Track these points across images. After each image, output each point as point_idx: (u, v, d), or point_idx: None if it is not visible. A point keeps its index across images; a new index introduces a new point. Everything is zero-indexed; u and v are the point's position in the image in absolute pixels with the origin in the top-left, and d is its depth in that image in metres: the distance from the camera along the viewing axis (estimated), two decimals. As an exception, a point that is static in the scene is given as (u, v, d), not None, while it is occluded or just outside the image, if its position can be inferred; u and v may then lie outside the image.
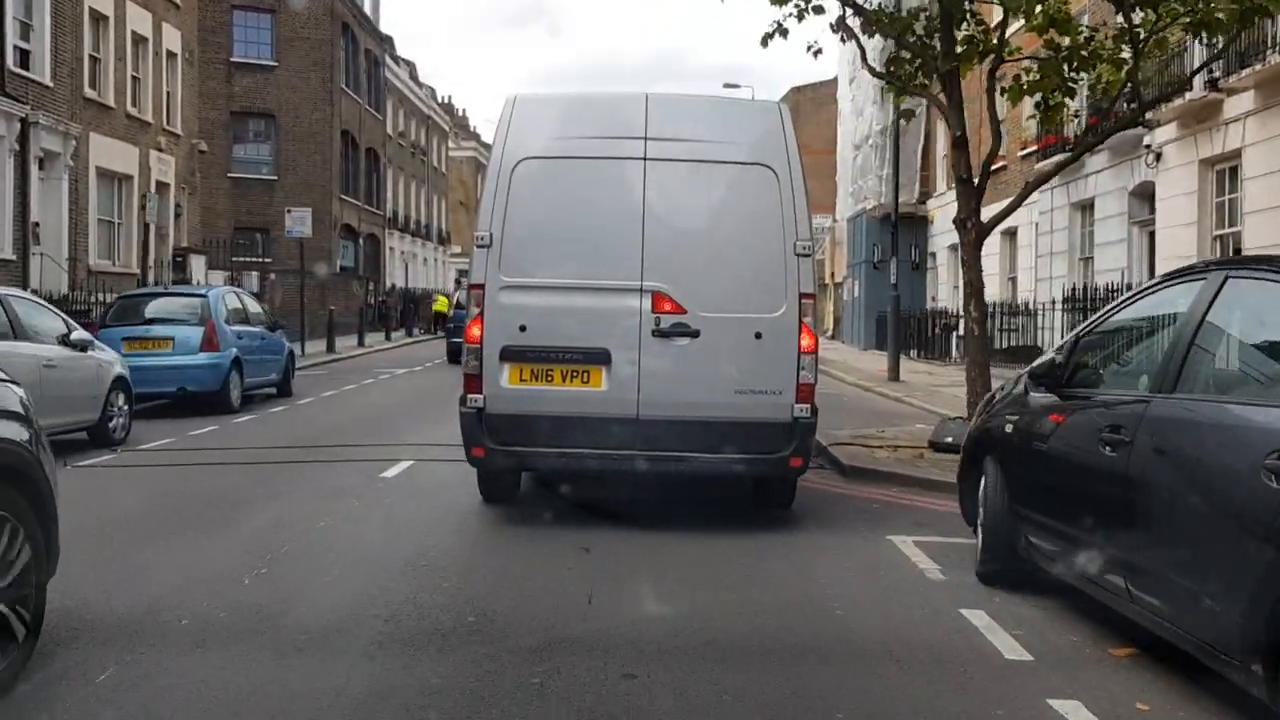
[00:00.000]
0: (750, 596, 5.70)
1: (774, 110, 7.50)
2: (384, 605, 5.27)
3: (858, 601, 5.64)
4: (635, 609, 5.48)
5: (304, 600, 5.45)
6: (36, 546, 4.30)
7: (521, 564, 6.38)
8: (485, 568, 6.34)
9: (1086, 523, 4.82)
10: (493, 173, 7.23)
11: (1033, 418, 5.57)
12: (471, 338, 7.11)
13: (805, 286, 7.09)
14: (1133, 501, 4.43)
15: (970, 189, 10.42)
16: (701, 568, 6.33)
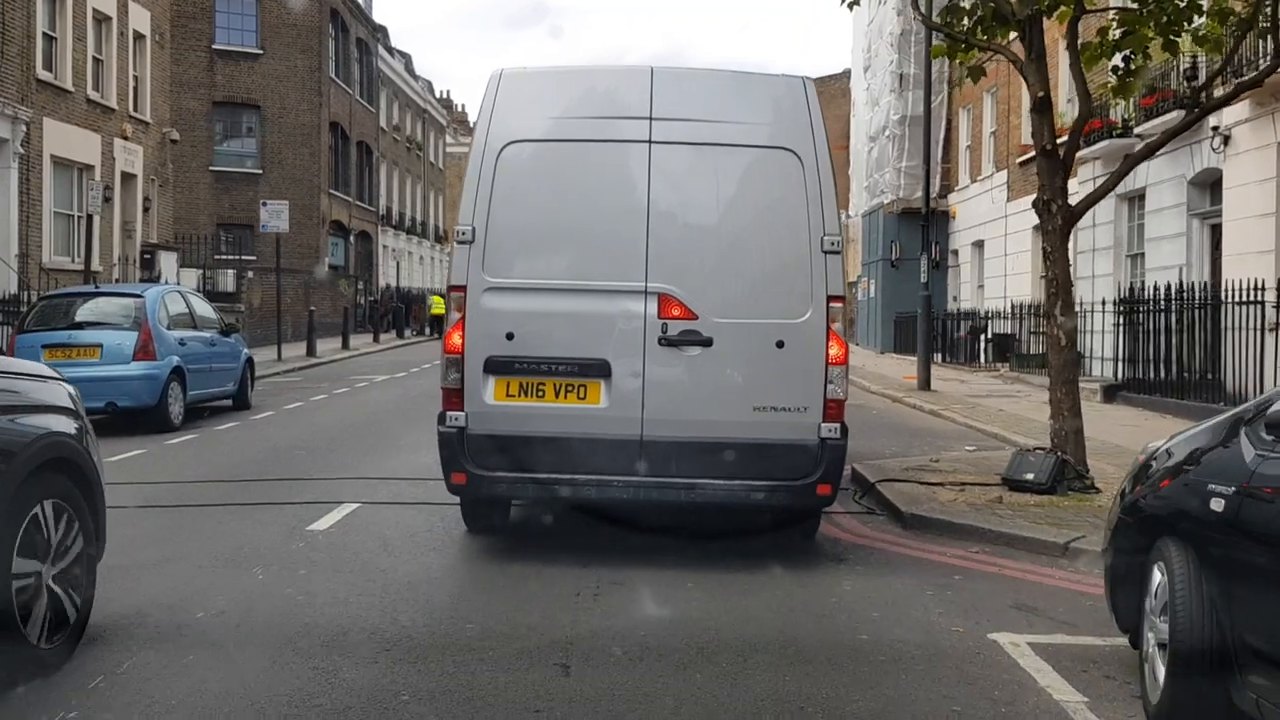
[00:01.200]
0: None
1: (797, 86, 6.44)
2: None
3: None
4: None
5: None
6: (87, 532, 4.73)
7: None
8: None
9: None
10: (475, 157, 6.42)
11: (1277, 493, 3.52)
12: (451, 347, 6.32)
13: (834, 288, 6.28)
14: None
15: (1055, 163, 8.37)
16: (729, 684, 4.29)
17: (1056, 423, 8.45)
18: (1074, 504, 7.95)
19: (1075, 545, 6.70)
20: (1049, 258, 8.42)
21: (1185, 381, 15.58)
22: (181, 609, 5.28)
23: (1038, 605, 5.67)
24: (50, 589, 4.41)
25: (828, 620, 5.37)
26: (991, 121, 29.56)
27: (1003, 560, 6.63)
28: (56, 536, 4.49)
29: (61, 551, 4.52)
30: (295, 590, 5.68)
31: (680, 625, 5.20)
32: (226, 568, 6.15)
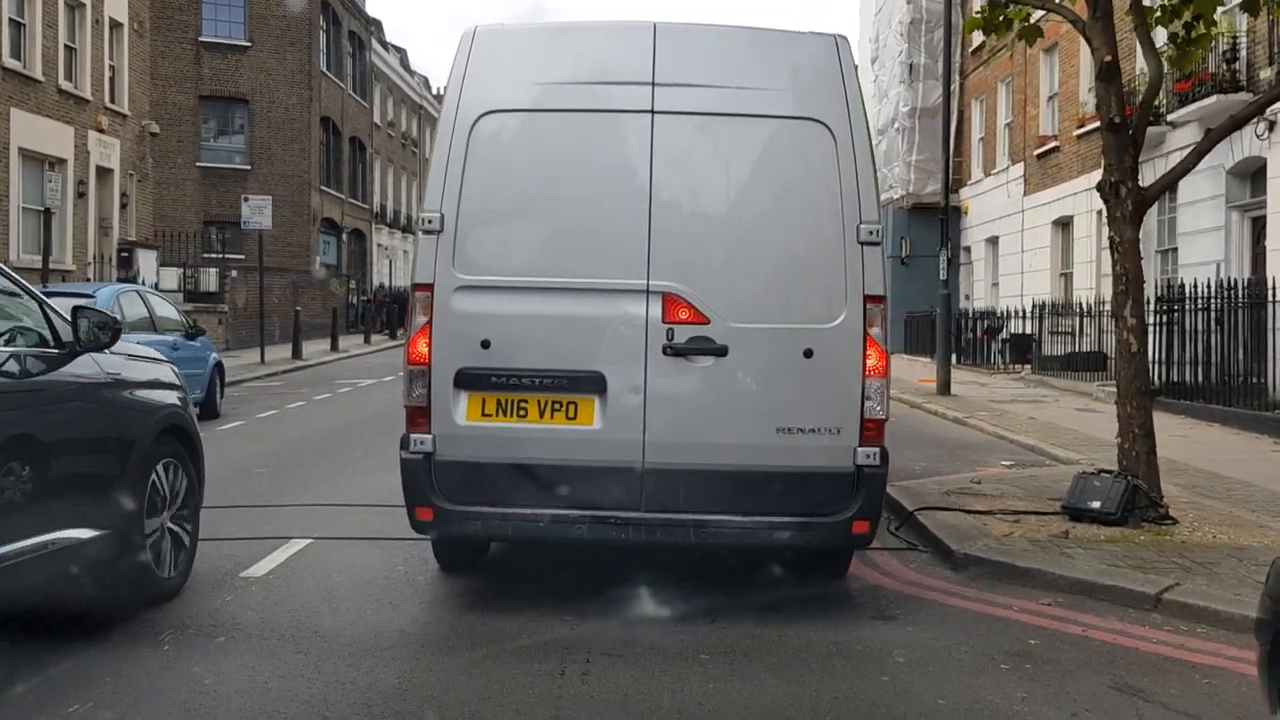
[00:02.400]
0: None
1: (829, 45, 5.50)
2: None
3: None
4: None
5: None
6: (192, 481, 5.87)
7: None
8: None
9: None
10: (444, 131, 5.42)
11: None
12: (416, 357, 5.31)
13: (872, 286, 5.30)
14: None
15: (1124, 138, 7.17)
16: None
17: (1126, 442, 7.26)
18: (1151, 538, 6.76)
19: (1169, 597, 5.51)
20: (1117, 249, 7.22)
21: (1229, 386, 14.38)
22: (39, 710, 4.08)
23: (1143, 686, 4.49)
24: (170, 529, 5.59)
25: (882, 713, 4.17)
26: (1007, 112, 28.36)
27: (1083, 616, 5.43)
28: (169, 487, 5.59)
29: (174, 498, 5.64)
30: (204, 669, 4.48)
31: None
32: (129, 635, 4.95)
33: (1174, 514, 7.25)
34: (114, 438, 5.17)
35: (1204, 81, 16.66)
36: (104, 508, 4.98)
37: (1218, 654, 4.92)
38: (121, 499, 5.10)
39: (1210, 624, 5.27)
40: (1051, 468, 10.29)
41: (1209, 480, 9.25)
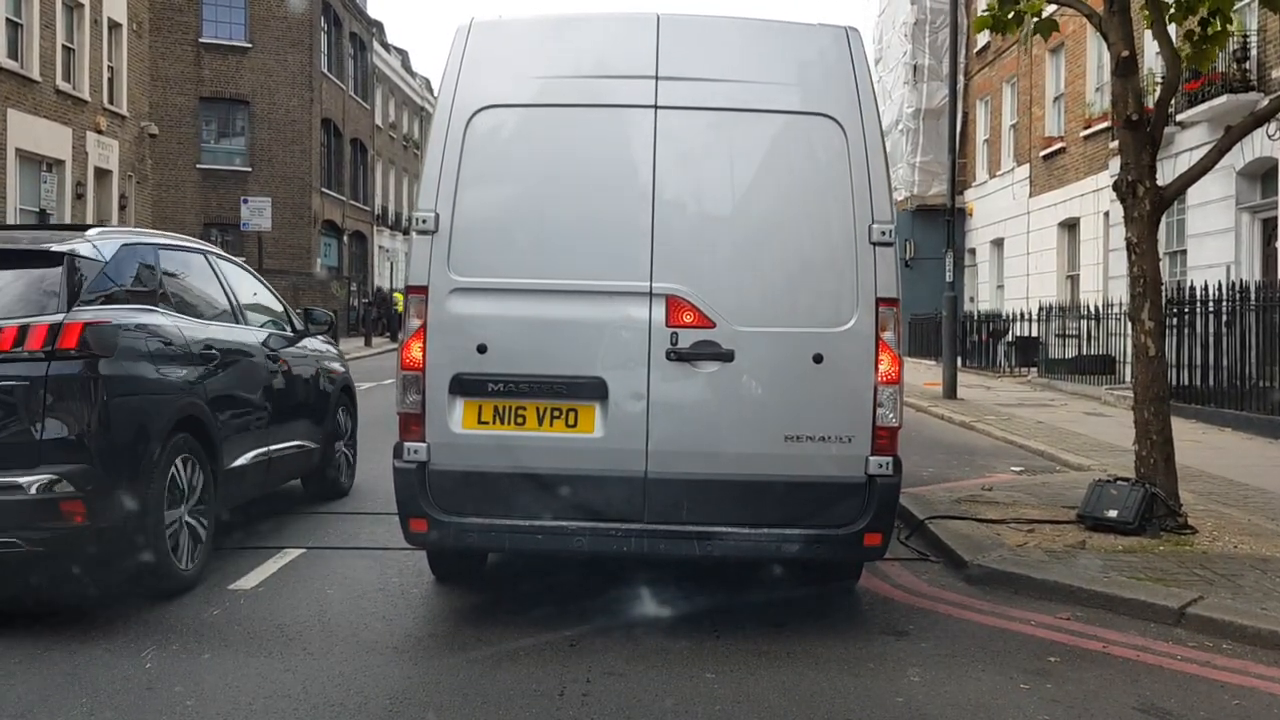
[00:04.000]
0: None
1: (840, 38, 5.29)
2: None
3: None
4: None
5: None
6: (354, 421, 8.76)
7: None
8: None
9: None
10: (439, 127, 5.21)
11: None
12: (410, 362, 5.11)
13: (885, 288, 5.09)
14: None
15: (1142, 136, 6.96)
16: None
17: (1143, 449, 7.05)
18: (1170, 549, 6.55)
19: (1193, 611, 5.30)
20: (1134, 250, 7.01)
21: (1241, 390, 14.15)
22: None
23: (1170, 707, 4.28)
24: (344, 453, 8.53)
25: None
26: (1012, 114, 28.16)
27: (1104, 631, 5.22)
28: (345, 423, 8.60)
29: (350, 430, 8.75)
30: (186, 689, 4.27)
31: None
32: (110, 650, 4.75)
33: (1192, 522, 7.04)
34: (319, 389, 8.04)
35: (1214, 81, 16.44)
36: (316, 431, 7.83)
37: (1245, 671, 4.71)
38: (324, 427, 7.99)
39: (1236, 640, 5.06)
40: (1063, 474, 10.09)
41: (1225, 487, 9.04)
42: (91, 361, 5.18)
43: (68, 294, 5.30)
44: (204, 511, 5.94)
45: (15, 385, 5.01)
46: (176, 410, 5.72)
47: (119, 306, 5.61)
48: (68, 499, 5.00)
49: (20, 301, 5.27)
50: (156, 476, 5.47)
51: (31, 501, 4.94)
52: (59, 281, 5.33)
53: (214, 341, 6.37)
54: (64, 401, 5.10)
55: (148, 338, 5.69)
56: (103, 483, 5.13)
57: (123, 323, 5.54)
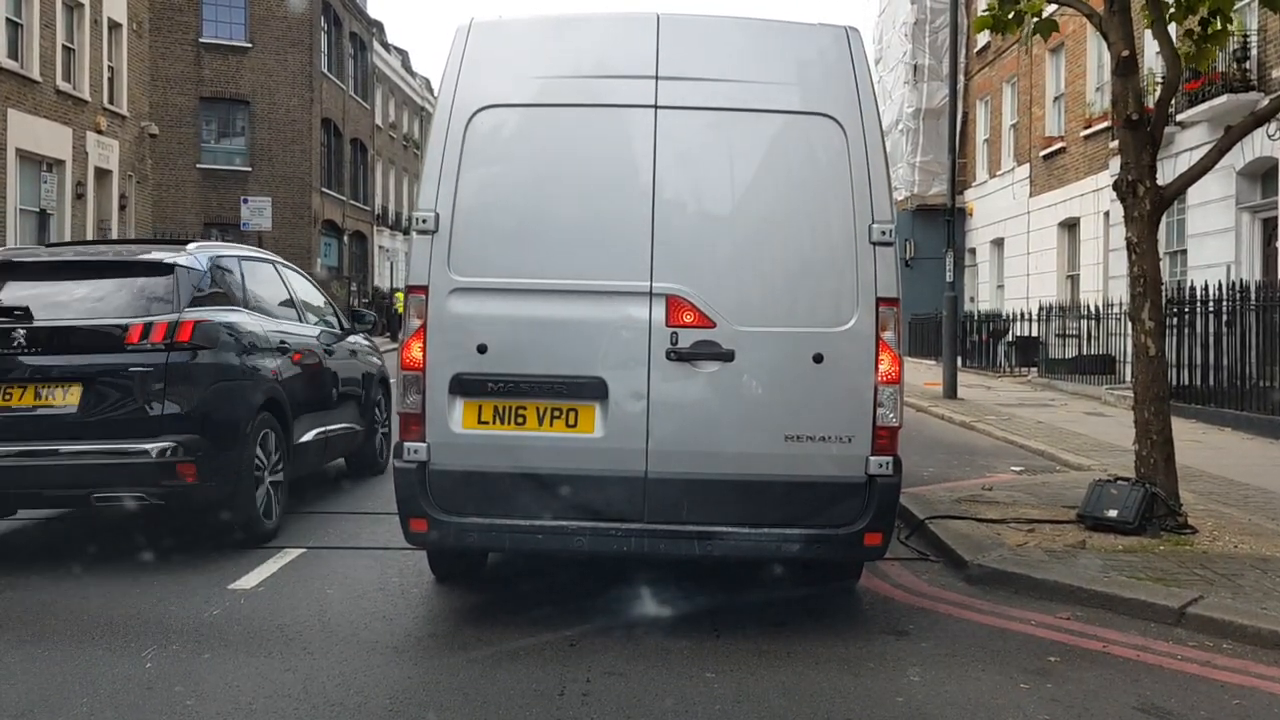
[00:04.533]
0: None
1: (840, 38, 5.30)
2: None
3: None
4: None
5: None
6: (389, 408, 9.45)
7: None
8: None
9: None
10: (439, 126, 5.22)
11: None
12: (410, 362, 5.11)
13: (885, 288, 5.09)
14: None
15: (1142, 136, 6.95)
16: None
17: (1143, 449, 7.04)
18: (1170, 549, 6.54)
19: (1193, 610, 5.30)
20: (1134, 250, 7.00)
21: (1240, 390, 14.15)
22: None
23: (1171, 707, 4.28)
24: (384, 434, 9.45)
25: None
26: (1012, 113, 28.15)
27: (1104, 631, 5.22)
28: (382, 409, 9.52)
29: (386, 415, 9.57)
30: (186, 689, 4.28)
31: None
32: (110, 649, 4.76)
33: (1192, 522, 7.04)
34: (362, 379, 8.97)
35: (1214, 81, 16.43)
36: (360, 415, 8.81)
37: (1246, 671, 4.71)
38: (366, 412, 8.93)
39: (1237, 639, 5.06)
40: (1063, 474, 10.09)
41: (1225, 487, 9.04)
42: (200, 352, 6.40)
43: (179, 298, 6.46)
44: (280, 478, 7.06)
45: (141, 371, 6.24)
46: (262, 393, 6.89)
47: (216, 307, 6.79)
48: (182, 462, 6.20)
49: (138, 304, 6.42)
50: (248, 446, 6.65)
51: (154, 463, 6.15)
52: (171, 287, 6.50)
53: (284, 336, 7.52)
54: (179, 384, 6.28)
55: (238, 333, 6.85)
56: (208, 449, 6.32)
57: (220, 320, 6.71)
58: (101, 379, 6.24)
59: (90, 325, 6.34)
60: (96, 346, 6.30)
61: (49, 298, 6.50)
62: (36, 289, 6.57)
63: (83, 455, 6.12)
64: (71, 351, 6.29)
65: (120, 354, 6.25)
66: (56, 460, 6.12)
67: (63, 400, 6.18)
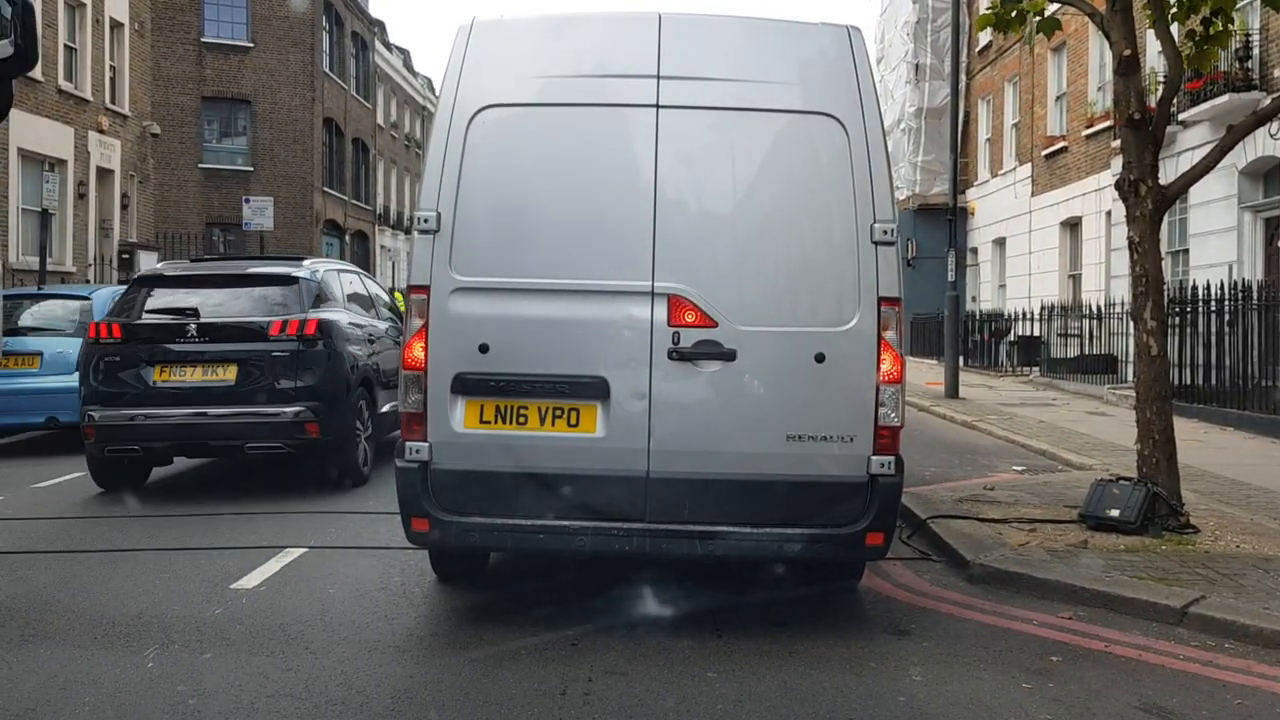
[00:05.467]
0: None
1: (842, 37, 5.29)
2: None
3: None
4: None
5: None
6: None
7: None
8: None
9: None
10: (441, 126, 5.22)
11: None
12: (412, 361, 5.11)
13: (887, 287, 5.09)
14: None
15: (1144, 135, 6.96)
16: None
17: (1145, 449, 7.04)
18: (1172, 548, 6.54)
19: (1195, 610, 5.30)
20: (1136, 249, 7.00)
21: (1242, 389, 14.14)
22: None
23: (1172, 706, 4.28)
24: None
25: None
26: (1014, 113, 28.14)
27: (1106, 631, 5.22)
28: None
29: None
30: (188, 688, 4.28)
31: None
32: (112, 649, 4.76)
33: (1194, 522, 7.04)
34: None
35: (1216, 80, 16.42)
36: None
37: (1248, 671, 4.71)
38: None
39: (1239, 639, 5.05)
40: (1065, 473, 10.08)
41: (1227, 487, 9.03)
42: (320, 342, 8.56)
43: (303, 302, 8.72)
44: (370, 439, 9.17)
45: (280, 355, 8.43)
46: (360, 372, 9.02)
47: (326, 308, 8.94)
48: (309, 421, 8.38)
49: (274, 306, 8.69)
50: (352, 413, 8.84)
51: (290, 422, 8.36)
52: (298, 294, 8.76)
53: (369, 330, 9.65)
54: (305, 365, 8.48)
55: (342, 328, 8.94)
56: (327, 413, 8.48)
57: (331, 318, 8.84)
58: (251, 361, 8.39)
59: (243, 322, 8.50)
60: (247, 337, 8.43)
61: (206, 301, 8.60)
62: (195, 295, 8.70)
63: (239, 416, 8.31)
64: (229, 341, 8.42)
65: (265, 343, 8.43)
66: (222, 420, 8.29)
67: (223, 376, 8.37)
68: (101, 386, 8.37)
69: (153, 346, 8.44)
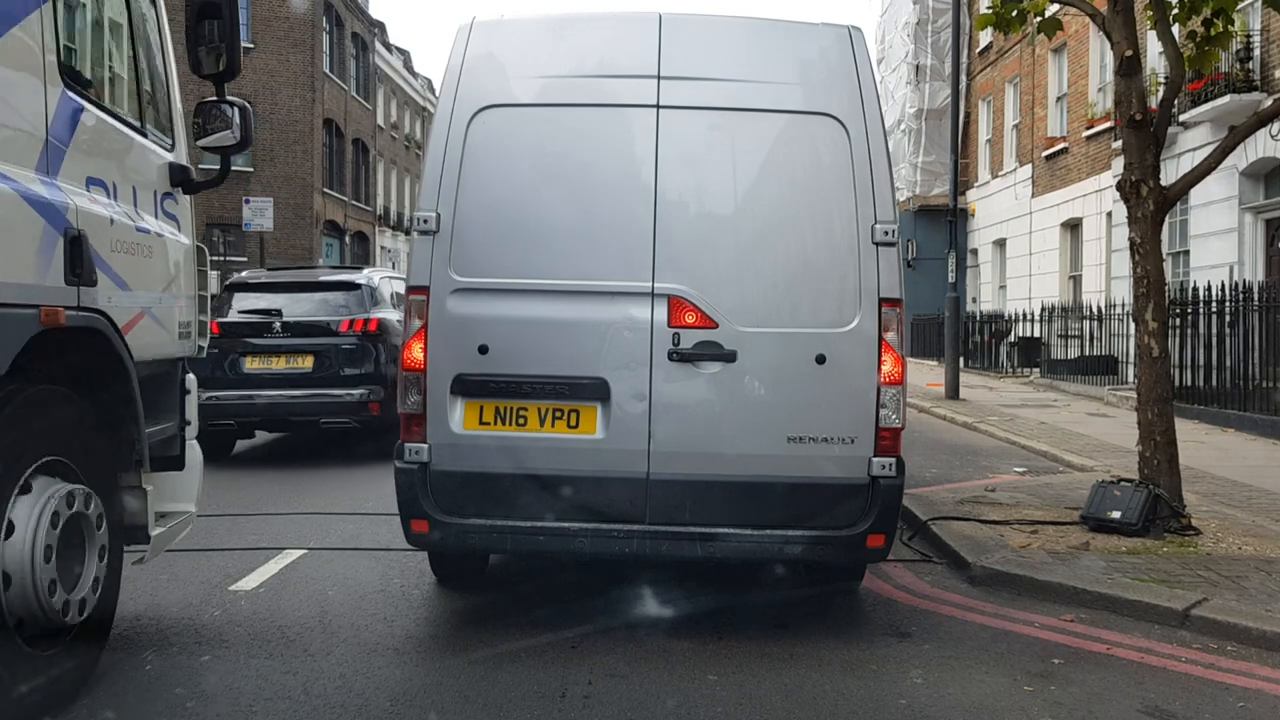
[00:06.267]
0: None
1: (843, 37, 5.28)
2: None
3: None
4: None
5: None
6: None
7: None
8: None
9: None
10: (440, 126, 5.19)
11: None
12: (411, 362, 5.08)
13: (888, 288, 5.07)
14: None
15: (1145, 136, 6.94)
16: None
17: (1147, 450, 7.02)
18: (1174, 550, 6.52)
19: (1197, 612, 5.28)
20: (1137, 250, 6.98)
21: (1243, 391, 14.12)
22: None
23: (1175, 709, 4.25)
24: None
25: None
26: (1014, 114, 28.14)
27: (1108, 633, 5.20)
28: None
29: None
30: (186, 690, 4.26)
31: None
32: (110, 650, 4.71)
33: (1196, 524, 7.02)
34: None
35: (1216, 81, 16.41)
36: None
37: (1251, 674, 4.69)
38: None
39: (1241, 642, 5.04)
40: (1066, 475, 10.06)
41: (1228, 488, 9.01)
42: (377, 336, 10.46)
43: (366, 304, 10.73)
44: None
45: (348, 348, 10.39)
46: None
47: (381, 308, 10.82)
48: (373, 402, 10.32)
49: (341, 307, 10.67)
50: None
51: (357, 402, 10.31)
52: (361, 298, 10.78)
53: None
54: (368, 356, 10.46)
55: (394, 324, 10.45)
56: (385, 396, 10.20)
57: (387, 317, 10.68)
58: (324, 352, 10.37)
59: (317, 320, 10.56)
60: (321, 333, 10.46)
61: (287, 304, 10.66)
62: (277, 299, 10.70)
63: (316, 397, 10.27)
64: (306, 336, 10.47)
65: (335, 337, 10.40)
66: (302, 399, 10.29)
67: (302, 364, 10.41)
68: (203, 373, 9.67)
69: (245, 340, 10.36)
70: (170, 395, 4.93)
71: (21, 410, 3.66)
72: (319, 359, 10.33)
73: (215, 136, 4.93)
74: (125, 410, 4.30)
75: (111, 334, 4.13)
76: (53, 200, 3.82)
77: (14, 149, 3.70)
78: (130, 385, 4.26)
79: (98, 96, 4.46)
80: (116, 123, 4.53)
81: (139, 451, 4.38)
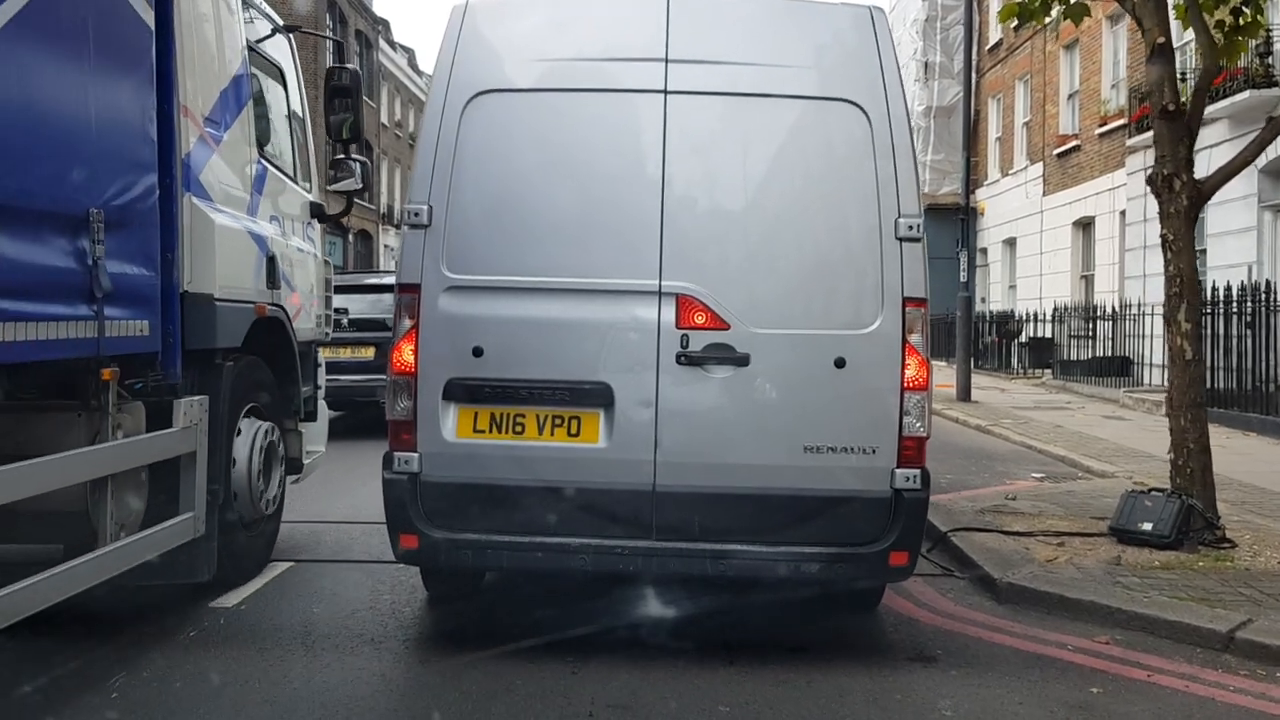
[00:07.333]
0: None
1: (863, 19, 4.93)
2: None
3: None
4: None
5: None
6: None
7: None
8: None
9: None
10: (433, 113, 4.88)
11: None
12: (401, 365, 4.78)
13: (912, 287, 4.74)
14: None
15: (1179, 127, 6.59)
16: None
17: (1179, 458, 6.69)
18: (1211, 565, 6.18)
19: (1242, 635, 4.93)
20: (1170, 248, 6.64)
21: (1264, 393, 13.75)
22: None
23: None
24: None
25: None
26: (1025, 111, 27.77)
27: (1147, 657, 4.85)
28: None
29: None
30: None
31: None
32: (77, 675, 4.40)
33: (1230, 535, 6.68)
34: None
35: (1235, 76, 16.05)
36: None
37: (1305, 705, 4.34)
38: None
39: (1291, 668, 4.70)
40: (1087, 481, 9.72)
41: (1258, 496, 8.66)
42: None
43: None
44: None
45: None
46: None
47: None
48: None
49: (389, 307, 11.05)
50: None
51: None
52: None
53: None
54: None
55: None
56: None
57: None
58: (383, 345, 10.20)
59: (377, 317, 11.83)
60: (380, 328, 11.33)
61: (351, 303, 11.69)
62: (341, 299, 10.73)
63: (377, 382, 10.84)
64: (368, 330, 12.02)
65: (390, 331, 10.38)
66: (365, 383, 11.85)
67: (365, 355, 12.18)
68: None
69: None
70: (310, 367, 6.82)
71: (245, 370, 5.65)
72: (379, 350, 11.57)
73: (344, 183, 6.86)
74: (289, 376, 6.30)
75: (287, 322, 6.24)
76: (260, 233, 5.92)
77: (237, 201, 5.68)
78: (294, 358, 6.30)
79: (271, 158, 6.24)
80: (283, 175, 6.45)
81: (296, 404, 6.42)
